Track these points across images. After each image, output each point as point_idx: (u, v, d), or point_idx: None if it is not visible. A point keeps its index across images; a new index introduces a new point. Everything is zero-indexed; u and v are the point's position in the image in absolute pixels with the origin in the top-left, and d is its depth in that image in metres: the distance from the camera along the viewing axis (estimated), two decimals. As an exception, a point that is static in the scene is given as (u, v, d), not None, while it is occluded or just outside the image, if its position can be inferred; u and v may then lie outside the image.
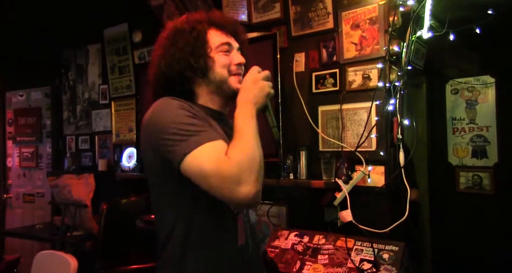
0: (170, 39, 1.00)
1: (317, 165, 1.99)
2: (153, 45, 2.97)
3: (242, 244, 0.97)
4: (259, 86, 0.94)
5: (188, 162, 0.84)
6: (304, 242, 1.79)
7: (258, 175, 0.82)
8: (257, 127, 0.90)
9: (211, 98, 1.02)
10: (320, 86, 2.05)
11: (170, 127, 0.87)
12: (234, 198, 0.82)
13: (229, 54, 1.01)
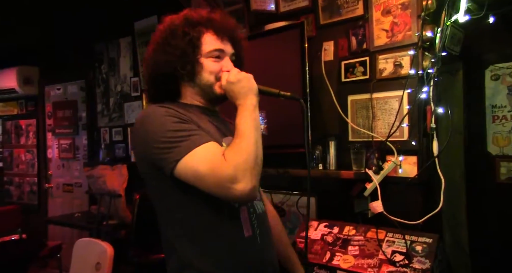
0: (163, 38, 1.01)
1: (346, 155, 1.95)
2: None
3: (249, 235, 0.99)
4: (239, 84, 0.97)
5: (182, 167, 0.87)
6: (334, 233, 1.78)
7: (253, 172, 0.86)
8: (255, 119, 0.94)
9: (195, 98, 1.06)
10: (349, 75, 2.00)
11: (159, 136, 0.89)
12: (231, 196, 0.85)
13: (220, 60, 1.02)
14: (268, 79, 2.18)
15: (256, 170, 0.86)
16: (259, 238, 1.01)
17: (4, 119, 4.63)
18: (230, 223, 0.97)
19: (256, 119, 0.95)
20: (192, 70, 1.00)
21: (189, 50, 0.99)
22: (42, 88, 4.21)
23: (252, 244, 1.00)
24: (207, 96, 1.05)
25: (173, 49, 0.99)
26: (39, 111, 4.26)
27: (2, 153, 4.65)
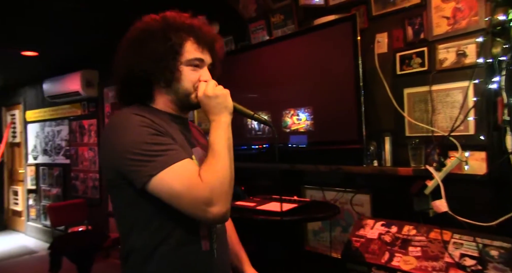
0: (140, 39, 0.97)
1: (403, 151, 1.87)
2: (230, 35, 3.01)
3: (206, 250, 0.97)
4: (215, 100, 0.95)
5: (157, 183, 0.84)
6: (392, 232, 1.71)
7: (228, 195, 0.87)
8: (229, 139, 0.93)
9: (168, 105, 1.01)
10: (405, 67, 1.90)
11: (133, 148, 0.85)
12: (205, 218, 0.85)
13: (199, 69, 0.99)
14: (318, 76, 2.18)
15: (230, 193, 0.88)
16: (216, 252, 1.00)
17: (70, 120, 4.98)
18: (189, 237, 0.95)
19: (230, 138, 0.94)
20: (170, 77, 0.96)
21: (169, 56, 0.95)
22: (101, 90, 4.47)
23: (208, 259, 0.98)
24: (181, 104, 1.01)
25: (151, 53, 0.94)
26: (99, 111, 4.53)
27: (69, 151, 5.02)
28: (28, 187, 5.87)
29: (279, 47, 2.41)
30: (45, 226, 5.46)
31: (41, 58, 4.37)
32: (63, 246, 3.31)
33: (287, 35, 2.39)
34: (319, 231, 2.37)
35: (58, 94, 4.68)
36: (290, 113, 2.37)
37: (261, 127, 2.57)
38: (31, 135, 5.85)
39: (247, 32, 2.76)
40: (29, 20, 3.23)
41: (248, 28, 2.75)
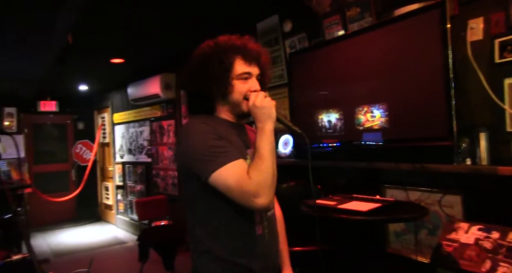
0: (199, 63, 1.20)
1: (503, 148, 1.69)
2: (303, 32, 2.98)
3: (260, 234, 1.20)
4: (262, 110, 1.13)
5: (215, 178, 1.07)
6: (494, 238, 1.55)
7: (271, 189, 1.07)
8: (272, 143, 1.11)
9: (227, 114, 1.24)
10: (506, 54, 1.71)
11: (201, 150, 1.10)
12: (252, 207, 1.06)
13: (247, 81, 1.19)
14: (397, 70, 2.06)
15: (273, 187, 1.07)
16: (267, 236, 1.23)
17: (151, 121, 5.35)
18: (245, 223, 1.18)
19: (272, 142, 1.12)
20: (225, 91, 1.18)
21: (223, 75, 1.16)
22: (178, 92, 4.72)
23: (262, 241, 1.21)
24: (235, 112, 1.23)
25: (209, 74, 1.17)
26: (177, 113, 4.79)
27: (151, 150, 5.40)
28: (116, 183, 6.43)
29: (354, 41, 2.33)
30: (131, 219, 5.94)
31: (126, 65, 4.74)
32: (149, 239, 3.56)
33: (365, 29, 2.29)
34: (401, 232, 2.24)
35: (140, 97, 5.04)
36: (363, 111, 2.28)
37: (332, 125, 2.51)
38: (118, 136, 6.39)
39: (321, 28, 2.70)
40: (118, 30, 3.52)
41: (322, 24, 2.69)
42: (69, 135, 7.38)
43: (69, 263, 4.39)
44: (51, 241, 5.72)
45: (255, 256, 1.19)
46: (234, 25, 3.52)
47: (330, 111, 2.52)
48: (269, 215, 1.25)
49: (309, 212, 1.87)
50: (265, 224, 1.23)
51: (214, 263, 1.17)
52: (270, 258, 1.26)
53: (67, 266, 4.14)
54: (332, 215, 1.67)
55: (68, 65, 3.87)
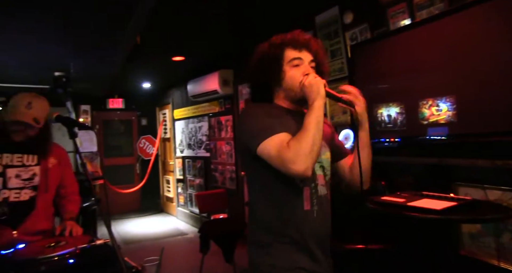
0: (258, 62, 1.32)
1: None
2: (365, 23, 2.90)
3: (308, 209, 1.26)
4: (310, 88, 1.21)
5: (261, 149, 1.18)
6: None
7: (308, 156, 1.12)
8: (317, 117, 1.17)
9: (284, 101, 1.34)
10: None
11: (251, 126, 1.23)
12: (289, 173, 1.13)
13: (299, 67, 1.28)
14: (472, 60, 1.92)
15: (310, 156, 1.12)
16: (315, 213, 1.27)
17: (209, 117, 5.50)
18: (294, 197, 1.25)
19: (318, 117, 1.18)
20: (278, 77, 1.28)
21: (275, 64, 1.27)
22: (236, 88, 4.80)
23: (309, 216, 1.26)
24: (291, 98, 1.31)
25: (265, 67, 1.29)
26: (234, 108, 4.88)
27: (209, 145, 5.56)
28: (177, 177, 6.72)
29: (422, 30, 2.20)
30: (191, 211, 6.18)
31: (186, 62, 4.92)
32: (210, 231, 3.68)
33: (435, 16, 2.15)
34: (478, 234, 2.09)
35: (199, 93, 5.20)
36: (427, 104, 2.15)
37: (392, 119, 2.40)
38: (178, 131, 6.66)
39: (385, 18, 2.59)
40: (180, 29, 3.65)
41: (386, 13, 2.58)
42: (134, 131, 7.85)
43: (138, 251, 4.69)
44: (120, 230, 6.14)
45: (302, 230, 1.25)
46: (292, 19, 3.50)
47: (390, 105, 2.42)
48: (319, 194, 1.29)
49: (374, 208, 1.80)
50: (314, 201, 1.27)
51: (266, 234, 1.26)
52: (318, 237, 1.28)
53: (136, 253, 4.43)
54: (401, 213, 1.60)
55: (135, 64, 4.10)
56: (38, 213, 1.83)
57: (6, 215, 1.74)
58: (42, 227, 1.86)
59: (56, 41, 3.74)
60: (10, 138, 1.79)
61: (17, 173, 1.81)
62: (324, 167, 1.34)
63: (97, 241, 1.45)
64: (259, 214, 1.30)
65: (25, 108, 1.75)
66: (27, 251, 1.40)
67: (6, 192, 1.77)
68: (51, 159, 1.92)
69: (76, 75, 4.97)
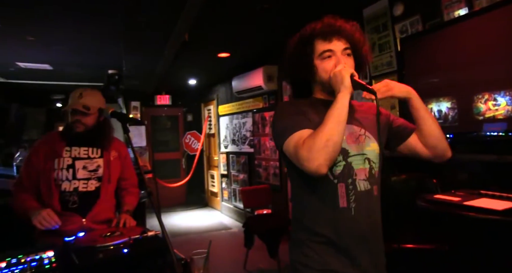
0: (289, 56, 1.29)
1: None
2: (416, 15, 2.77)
3: (344, 207, 1.18)
4: (335, 79, 1.17)
5: (285, 148, 1.17)
6: None
7: (321, 152, 1.06)
8: (338, 108, 1.12)
9: (320, 93, 1.30)
10: None
11: (278, 124, 1.23)
12: (305, 170, 1.10)
13: (331, 58, 1.22)
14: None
15: (324, 151, 1.06)
16: (353, 210, 1.18)
17: (254, 113, 5.53)
18: (328, 194, 1.19)
19: (340, 107, 1.12)
20: (309, 73, 1.25)
21: (305, 59, 1.24)
22: (280, 84, 4.79)
23: (345, 214, 1.18)
24: (328, 90, 1.25)
25: (295, 62, 1.26)
26: (278, 104, 4.87)
27: (253, 141, 5.60)
28: (221, 172, 6.84)
29: (481, 20, 2.06)
30: (235, 206, 6.27)
31: (231, 58, 4.98)
32: (255, 226, 3.71)
33: (497, 4, 2.01)
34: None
35: (243, 89, 5.25)
36: (483, 98, 2.02)
37: (442, 114, 2.28)
38: (222, 127, 6.77)
39: (439, 8, 2.46)
40: (226, 26, 3.70)
41: (440, 4, 2.44)
42: (180, 127, 8.10)
43: (184, 243, 4.84)
44: (167, 222, 6.37)
45: (339, 229, 1.18)
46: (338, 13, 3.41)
47: (440, 100, 2.30)
48: (359, 190, 1.20)
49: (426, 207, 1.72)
50: (352, 198, 1.19)
51: (302, 232, 1.24)
52: (360, 237, 1.19)
53: (182, 245, 4.57)
54: (456, 212, 1.52)
55: (182, 61, 4.21)
56: (103, 203, 1.95)
57: (76, 204, 1.87)
58: (107, 216, 1.97)
59: (111, 41, 3.94)
60: (73, 130, 1.93)
61: (84, 164, 1.94)
62: (369, 159, 1.24)
63: (149, 233, 1.51)
64: (295, 211, 1.29)
65: (77, 99, 1.91)
66: (86, 239, 1.50)
67: (76, 182, 1.90)
68: (113, 152, 2.05)
69: (128, 73, 5.21)
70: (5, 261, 1.23)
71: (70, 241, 1.47)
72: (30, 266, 1.23)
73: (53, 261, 1.27)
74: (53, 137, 1.98)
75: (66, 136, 1.96)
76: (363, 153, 1.24)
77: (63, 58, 4.60)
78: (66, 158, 1.92)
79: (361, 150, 1.23)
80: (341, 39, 1.22)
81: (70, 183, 1.89)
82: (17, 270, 1.21)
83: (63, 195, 1.87)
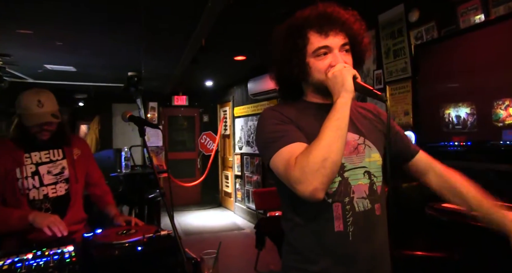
0: (273, 47, 1.09)
1: None
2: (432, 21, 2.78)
3: (339, 231, 1.01)
4: (334, 80, 0.98)
5: (272, 164, 1.00)
6: None
7: (317, 174, 0.89)
8: (338, 119, 0.93)
9: (313, 95, 1.11)
10: None
11: (261, 136, 1.06)
12: (297, 193, 0.92)
13: (327, 56, 1.03)
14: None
15: (320, 172, 0.89)
16: (351, 235, 1.01)
17: (268, 115, 5.58)
18: (320, 216, 1.02)
19: (340, 118, 0.94)
20: (300, 72, 1.04)
21: (294, 55, 1.03)
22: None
23: (342, 239, 1.01)
24: (322, 92, 1.07)
25: (281, 57, 1.06)
26: (293, 107, 4.90)
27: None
28: (235, 173, 6.91)
29: (498, 28, 2.05)
30: (248, 207, 6.33)
31: (247, 61, 5.04)
32: (266, 228, 3.75)
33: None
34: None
35: (259, 92, 5.30)
36: (503, 104, 2.00)
37: (461, 120, 2.27)
38: (237, 128, 6.83)
39: (455, 15, 2.45)
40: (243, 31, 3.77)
41: (456, 11, 2.44)
42: (196, 127, 8.21)
43: (197, 242, 4.93)
44: (181, 221, 6.48)
45: (332, 256, 1.01)
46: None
47: (459, 105, 2.29)
48: (358, 210, 1.02)
49: (434, 215, 1.74)
50: (350, 220, 1.01)
51: (294, 258, 1.07)
52: (363, 263, 1.02)
53: (195, 244, 4.66)
54: (463, 221, 1.53)
55: (199, 64, 4.30)
56: (76, 204, 1.89)
57: (50, 211, 1.80)
58: (82, 216, 1.93)
59: (131, 44, 4.07)
60: (37, 138, 1.81)
61: (48, 169, 1.84)
62: (370, 173, 1.06)
63: (161, 232, 1.58)
64: (286, 232, 1.10)
65: (38, 108, 1.74)
66: (103, 236, 1.58)
67: (44, 189, 1.81)
68: (75, 150, 1.95)
69: (146, 74, 5.34)
70: (31, 253, 1.35)
71: (88, 237, 1.55)
72: (53, 259, 1.31)
73: (73, 255, 1.34)
74: (6, 145, 1.81)
75: (22, 143, 1.81)
76: (363, 165, 1.06)
77: (87, 61, 4.77)
78: (28, 165, 1.80)
79: (360, 162, 1.05)
80: (339, 33, 1.03)
81: (38, 190, 1.80)
82: (42, 261, 1.29)
83: (33, 204, 1.77)
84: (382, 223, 1.09)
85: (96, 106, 7.29)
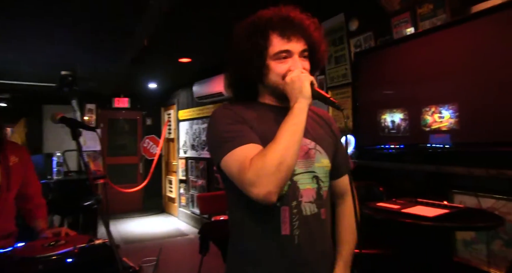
0: (233, 45, 1.08)
1: None
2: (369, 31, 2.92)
3: (286, 234, 1.01)
4: (292, 86, 0.99)
5: (224, 165, 0.98)
6: None
7: (271, 177, 0.89)
8: (295, 124, 0.95)
9: (268, 97, 1.11)
10: None
11: (213, 135, 1.04)
12: (250, 197, 0.92)
13: (287, 60, 1.04)
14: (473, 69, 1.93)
15: (275, 176, 0.90)
16: (297, 238, 1.02)
17: (213, 119, 5.54)
18: (267, 219, 1.02)
19: (297, 123, 0.96)
20: (258, 73, 1.05)
21: (254, 56, 1.03)
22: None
23: (287, 243, 1.02)
24: (278, 96, 1.08)
25: (241, 57, 1.05)
26: (239, 111, 4.90)
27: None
28: (179, 177, 6.75)
29: (425, 40, 2.22)
30: (192, 212, 6.20)
31: (193, 64, 4.97)
32: (210, 232, 3.70)
33: (438, 27, 2.17)
34: (471, 241, 2.11)
35: (204, 95, 5.23)
36: (430, 111, 2.17)
37: (395, 125, 2.42)
38: (182, 132, 6.69)
39: (389, 27, 2.61)
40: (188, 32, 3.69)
41: (390, 22, 2.60)
42: (138, 131, 7.91)
43: (138, 251, 4.72)
44: (121, 229, 6.18)
45: (277, 261, 1.02)
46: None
47: (394, 111, 2.44)
48: (305, 214, 1.03)
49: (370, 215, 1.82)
50: (296, 223, 1.02)
51: (236, 258, 1.09)
52: (301, 266, 1.03)
53: (135, 253, 4.46)
54: (395, 219, 1.62)
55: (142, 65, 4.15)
56: (4, 215, 1.73)
57: None
58: (9, 229, 1.76)
59: (64, 41, 3.80)
60: None
61: None
62: (318, 178, 1.07)
63: (96, 241, 1.48)
64: (232, 234, 1.10)
65: None
66: (25, 250, 1.43)
67: None
68: (12, 157, 1.81)
69: (83, 74, 5.03)
70: None
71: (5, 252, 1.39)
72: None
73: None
74: None
75: None
76: (312, 170, 1.06)
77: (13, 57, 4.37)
78: None
79: (310, 167, 1.06)
80: (301, 38, 1.04)
81: None
82: None
83: None
84: (327, 227, 1.11)
85: (23, 107, 6.72)
